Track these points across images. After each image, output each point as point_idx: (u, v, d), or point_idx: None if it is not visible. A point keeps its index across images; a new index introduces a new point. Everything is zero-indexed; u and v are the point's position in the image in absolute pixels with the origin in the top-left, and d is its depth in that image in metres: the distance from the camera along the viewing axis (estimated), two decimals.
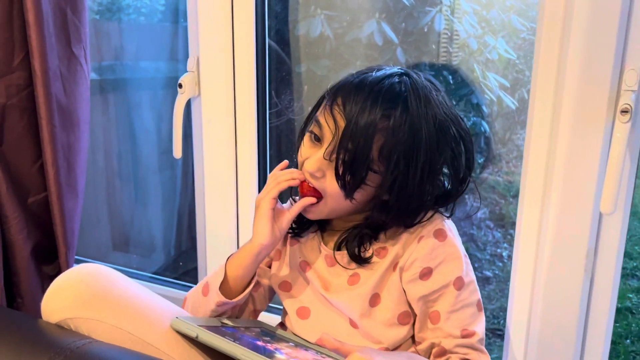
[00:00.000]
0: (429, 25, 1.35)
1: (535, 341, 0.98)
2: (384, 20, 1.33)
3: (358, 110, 0.74)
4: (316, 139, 0.79)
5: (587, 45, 0.86)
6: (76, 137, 1.09)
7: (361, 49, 1.37)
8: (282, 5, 1.38)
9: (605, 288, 0.94)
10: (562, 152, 0.90)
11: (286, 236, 0.92)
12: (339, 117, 0.76)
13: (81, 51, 1.07)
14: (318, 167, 0.78)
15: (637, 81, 0.84)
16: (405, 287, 0.80)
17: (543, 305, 0.96)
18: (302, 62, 1.41)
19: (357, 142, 0.74)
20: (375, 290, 0.81)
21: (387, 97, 0.75)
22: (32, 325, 0.80)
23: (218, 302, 0.83)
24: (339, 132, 0.75)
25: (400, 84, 0.77)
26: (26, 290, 1.09)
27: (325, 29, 1.37)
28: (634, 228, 1.57)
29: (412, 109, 0.75)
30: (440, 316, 0.79)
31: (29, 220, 1.10)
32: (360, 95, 0.75)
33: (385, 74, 0.78)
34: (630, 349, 1.43)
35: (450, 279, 0.79)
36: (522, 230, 0.98)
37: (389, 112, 0.74)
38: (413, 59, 1.36)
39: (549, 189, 0.93)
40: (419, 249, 0.79)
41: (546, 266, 0.95)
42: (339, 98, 0.77)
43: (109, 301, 0.80)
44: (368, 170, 0.75)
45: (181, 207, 1.75)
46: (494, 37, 1.44)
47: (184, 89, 1.20)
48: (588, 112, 0.87)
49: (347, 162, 0.75)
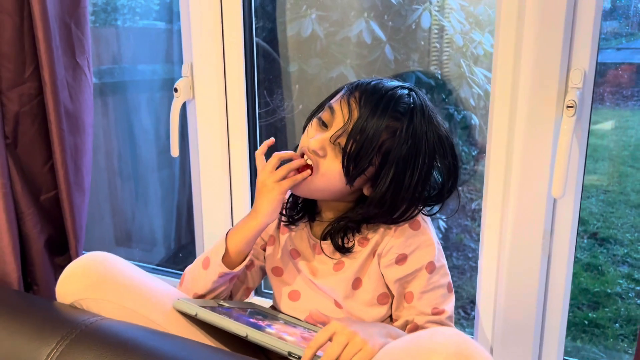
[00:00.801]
0: (416, 22, 1.35)
1: (502, 315, 1.03)
2: (372, 18, 1.34)
3: (372, 107, 0.79)
4: (324, 125, 0.83)
5: (538, 49, 0.91)
6: (82, 140, 1.14)
7: (351, 47, 1.37)
8: (274, 6, 1.39)
9: (561, 265, 1.00)
10: (519, 145, 0.95)
11: (279, 224, 0.96)
12: (354, 108, 0.80)
13: (84, 61, 1.12)
14: (322, 146, 0.81)
15: (581, 79, 0.90)
16: (383, 272, 0.86)
17: (507, 283, 1.01)
18: (294, 62, 1.42)
19: (366, 135, 0.78)
20: (357, 275, 0.87)
21: (399, 104, 0.80)
22: (49, 307, 0.86)
23: (220, 272, 0.87)
24: (351, 122, 0.79)
25: (410, 97, 0.82)
26: (41, 279, 1.15)
27: (316, 29, 1.37)
28: (625, 216, 1.58)
29: (416, 120, 0.80)
30: (413, 296, 0.85)
31: (42, 216, 1.15)
32: (377, 95, 0.80)
33: (397, 85, 0.83)
34: (619, 332, 1.44)
35: (422, 263, 0.84)
36: (487, 216, 1.03)
37: (398, 117, 0.79)
38: (402, 56, 1.36)
39: (509, 178, 0.98)
40: (395, 237, 0.85)
41: (508, 247, 1.00)
42: (357, 92, 0.81)
43: (115, 283, 0.85)
44: (370, 163, 0.79)
45: (180, 203, 1.76)
46: (480, 33, 1.42)
47: (180, 93, 1.24)
48: (540, 109, 0.93)
49: (354, 151, 0.79)
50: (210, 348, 0.78)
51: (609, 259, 1.44)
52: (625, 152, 1.36)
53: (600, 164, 1.39)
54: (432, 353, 0.62)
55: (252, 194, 1.32)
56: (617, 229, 1.46)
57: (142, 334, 0.78)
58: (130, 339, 0.76)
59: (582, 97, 0.92)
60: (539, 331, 1.03)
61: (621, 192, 1.41)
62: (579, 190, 0.98)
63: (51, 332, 0.78)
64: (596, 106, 0.98)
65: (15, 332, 0.80)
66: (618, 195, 1.41)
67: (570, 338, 1.42)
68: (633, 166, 1.43)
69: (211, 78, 1.25)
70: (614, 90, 1.25)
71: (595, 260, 1.46)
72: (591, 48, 0.91)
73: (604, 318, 1.44)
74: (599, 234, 1.46)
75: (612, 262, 1.47)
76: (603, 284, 1.44)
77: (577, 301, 1.45)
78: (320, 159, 0.83)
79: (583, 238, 1.46)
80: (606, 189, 1.42)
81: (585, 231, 1.46)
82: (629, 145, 1.34)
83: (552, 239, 1.00)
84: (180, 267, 1.68)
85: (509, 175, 0.99)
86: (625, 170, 1.41)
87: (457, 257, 1.56)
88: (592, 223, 1.46)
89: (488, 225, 1.04)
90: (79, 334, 0.77)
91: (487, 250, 1.05)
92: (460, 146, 1.48)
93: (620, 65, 1.23)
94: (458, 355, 0.61)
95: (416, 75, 1.38)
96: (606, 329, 1.46)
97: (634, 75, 1.24)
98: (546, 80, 0.92)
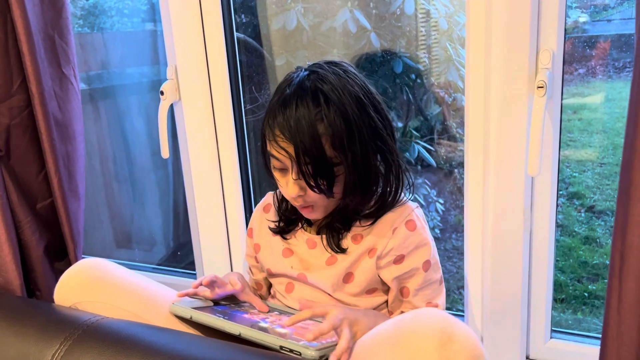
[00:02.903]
0: (400, 8, 1.35)
1: (489, 294, 1.06)
2: (357, 7, 1.34)
3: (295, 130, 0.78)
4: (282, 170, 0.85)
5: (507, 31, 0.92)
6: (73, 148, 1.15)
7: (337, 38, 1.38)
8: (257, 1, 1.38)
9: (542, 241, 1.02)
10: (494, 126, 0.97)
11: (267, 228, 0.97)
12: (285, 145, 0.80)
13: (70, 71, 1.13)
14: (297, 189, 0.83)
15: (550, 60, 0.92)
16: (380, 272, 0.88)
17: (492, 262, 1.04)
18: (281, 55, 1.42)
19: (310, 153, 0.78)
20: (349, 270, 0.88)
21: (309, 101, 0.79)
22: (51, 310, 0.90)
23: None
24: (292, 156, 0.80)
25: (314, 83, 0.80)
26: (43, 285, 1.17)
27: (301, 21, 1.37)
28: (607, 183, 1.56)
29: (333, 99, 0.79)
30: (410, 292, 0.88)
31: (39, 224, 1.17)
32: (289, 117, 0.79)
33: (295, 84, 0.82)
34: None
35: (420, 262, 0.87)
36: (469, 198, 1.05)
37: (319, 114, 0.78)
38: (388, 43, 1.36)
39: (487, 159, 1.00)
40: (394, 239, 0.86)
41: (490, 227, 1.02)
42: (276, 129, 0.81)
43: (108, 286, 0.90)
44: (332, 167, 0.80)
45: (176, 202, 1.77)
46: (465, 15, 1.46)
47: (166, 96, 1.25)
48: (512, 90, 0.94)
49: (313, 172, 0.79)
50: (207, 340, 0.81)
51: (607, 230, 1.44)
52: (619, 123, 1.35)
53: (595, 137, 1.39)
54: (417, 333, 0.64)
55: (243, 191, 1.34)
56: (613, 200, 1.44)
57: (142, 330, 0.82)
58: (130, 335, 0.79)
59: (553, 77, 0.94)
60: (525, 306, 1.06)
61: (616, 164, 1.40)
62: (555, 166, 1.00)
63: (55, 333, 0.82)
64: (588, 79, 0.99)
65: (21, 335, 0.83)
66: (614, 167, 1.41)
67: (571, 311, 1.43)
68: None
69: (195, 79, 1.25)
70: (605, 63, 1.24)
71: (593, 233, 1.46)
72: (558, 28, 0.92)
73: (604, 289, 1.41)
74: (595, 207, 1.46)
75: (610, 234, 1.43)
76: (602, 256, 1.44)
77: (576, 274, 1.46)
78: (305, 196, 0.85)
79: (580, 212, 1.47)
80: (602, 161, 1.42)
81: (582, 205, 1.47)
82: (623, 117, 1.33)
83: (532, 216, 1.02)
84: (180, 265, 1.68)
85: (487, 158, 1.00)
86: (620, 142, 1.41)
87: (457, 239, 1.57)
88: (588, 196, 1.46)
89: (470, 205, 1.06)
90: (82, 334, 0.80)
91: (471, 230, 1.07)
92: (455, 128, 1.50)
93: (611, 37, 1.22)
94: (442, 334, 0.63)
95: (403, 61, 1.38)
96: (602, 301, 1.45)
97: (625, 46, 1.23)
98: (517, 62, 0.93)
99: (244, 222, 1.34)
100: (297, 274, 0.92)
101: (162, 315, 0.91)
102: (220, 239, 1.35)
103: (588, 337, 1.08)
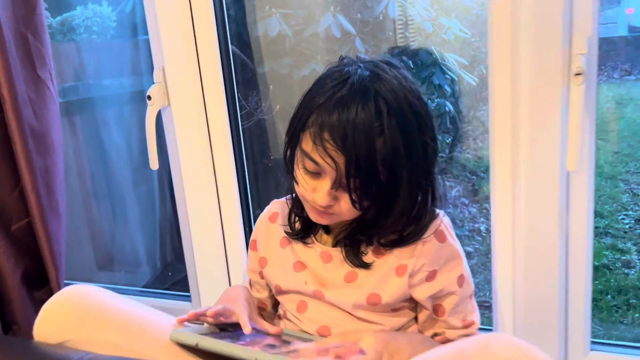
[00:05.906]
0: (383, 13, 1.36)
1: (522, 306, 1.01)
2: (340, 12, 1.35)
3: (352, 140, 0.72)
4: (315, 174, 0.78)
5: (537, 14, 0.88)
6: (52, 160, 1.09)
7: (320, 43, 1.39)
8: (238, 7, 1.39)
9: (580, 244, 0.97)
10: (525, 120, 0.93)
11: (275, 240, 0.93)
12: (335, 154, 0.74)
13: (47, 74, 1.07)
14: (329, 199, 0.78)
15: (585, 44, 0.88)
16: (413, 291, 0.83)
17: (524, 269, 0.99)
18: (265, 63, 1.42)
19: (363, 169, 0.73)
20: (375, 291, 0.82)
21: (372, 109, 0.73)
22: (33, 349, 0.80)
23: None
24: (341, 168, 0.74)
25: (375, 88, 0.74)
26: (21, 317, 1.10)
27: (283, 27, 1.38)
28: (601, 188, 1.62)
29: (396, 111, 0.73)
30: (445, 311, 0.84)
31: (15, 247, 1.11)
32: (346, 123, 0.72)
33: (354, 83, 0.75)
34: (612, 303, 1.48)
35: (453, 278, 0.83)
36: (497, 201, 1.00)
37: (379, 127, 0.73)
38: (372, 48, 1.37)
39: (517, 156, 0.96)
40: (425, 253, 0.82)
41: (523, 231, 0.97)
42: (325, 132, 0.74)
43: (98, 318, 0.81)
44: (379, 185, 0.75)
45: (162, 219, 1.75)
46: (447, 18, 1.47)
47: (153, 101, 1.20)
48: (544, 79, 0.90)
49: (360, 188, 0.75)
50: None
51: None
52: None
53: None
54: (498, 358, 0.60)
55: (241, 202, 1.29)
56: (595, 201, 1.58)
57: None
58: None
59: (589, 63, 0.89)
60: (563, 317, 1.01)
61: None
62: (592, 162, 0.95)
63: None
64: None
65: None
66: None
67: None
68: (603, 139, 1.52)
69: (186, 81, 1.21)
70: None
71: None
72: (592, 10, 0.87)
73: (595, 291, 1.48)
74: None
75: (595, 235, 1.51)
76: None
77: None
78: (335, 206, 0.80)
79: None
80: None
81: None
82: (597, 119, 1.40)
83: (568, 217, 0.97)
84: (168, 286, 1.68)
85: (517, 155, 0.96)
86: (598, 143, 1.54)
87: None
88: None
89: (499, 211, 1.01)
90: None
91: (499, 237, 1.02)
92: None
93: None
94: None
95: None
96: (599, 301, 1.49)
97: None
98: (548, 49, 0.89)
99: (242, 235, 1.30)
100: (313, 291, 0.86)
101: (162, 345, 0.82)
102: (216, 256, 1.29)
103: (631, 348, 1.05)
